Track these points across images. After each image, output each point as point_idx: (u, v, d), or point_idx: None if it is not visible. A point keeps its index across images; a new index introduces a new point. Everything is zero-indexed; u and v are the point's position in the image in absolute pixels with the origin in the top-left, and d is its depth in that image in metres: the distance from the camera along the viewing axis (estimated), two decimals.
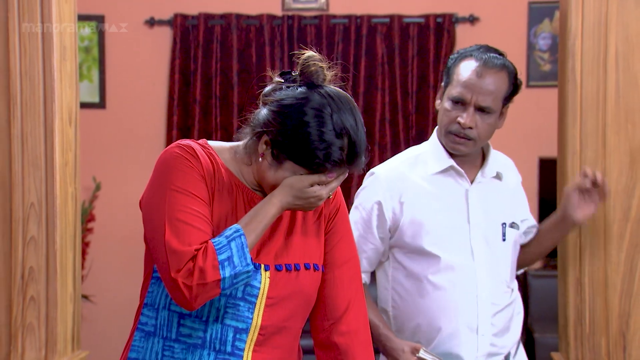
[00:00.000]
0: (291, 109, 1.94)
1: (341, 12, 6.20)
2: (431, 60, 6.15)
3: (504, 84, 2.57)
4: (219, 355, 1.97)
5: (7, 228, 2.91)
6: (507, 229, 2.67)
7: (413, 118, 6.21)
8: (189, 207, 1.92)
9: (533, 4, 6.03)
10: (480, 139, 2.59)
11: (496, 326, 2.61)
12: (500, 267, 2.65)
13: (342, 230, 2.15)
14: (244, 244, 1.89)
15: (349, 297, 2.12)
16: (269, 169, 1.98)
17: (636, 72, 2.85)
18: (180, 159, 1.97)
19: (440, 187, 2.65)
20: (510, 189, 2.75)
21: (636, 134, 2.86)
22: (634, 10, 2.84)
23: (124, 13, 6.16)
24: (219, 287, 1.88)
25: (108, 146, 6.18)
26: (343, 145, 1.93)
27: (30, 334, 2.91)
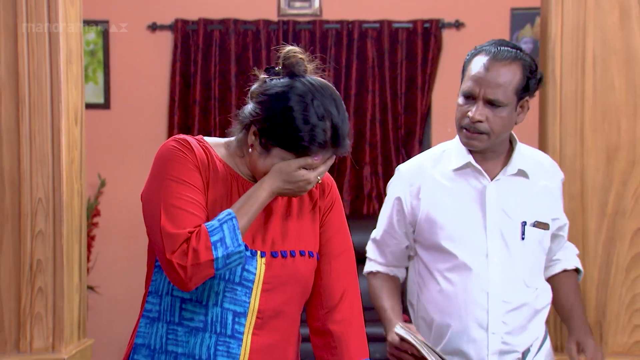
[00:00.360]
0: (275, 97, 1.96)
1: (334, 17, 6.20)
2: (419, 63, 6.15)
3: (515, 77, 2.39)
4: (220, 337, 1.98)
5: (16, 222, 2.91)
6: (528, 227, 2.49)
7: (402, 118, 6.22)
8: (183, 194, 1.93)
9: (515, 10, 6.03)
10: (494, 133, 2.42)
11: (509, 325, 2.46)
12: (517, 265, 2.48)
13: (337, 223, 2.15)
14: (236, 226, 1.90)
15: (344, 287, 2.12)
16: (258, 158, 1.99)
17: (612, 74, 2.86)
18: (176, 150, 1.99)
19: (459, 183, 2.51)
20: (539, 187, 2.53)
21: (612, 133, 2.87)
22: (609, 16, 2.85)
23: (128, 18, 6.15)
24: (213, 268, 1.88)
25: (112, 145, 6.18)
26: (326, 127, 1.94)
27: (38, 323, 2.91)
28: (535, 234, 2.49)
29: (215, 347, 1.98)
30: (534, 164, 2.54)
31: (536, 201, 2.51)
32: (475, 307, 2.45)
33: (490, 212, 2.47)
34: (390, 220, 2.59)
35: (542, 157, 2.62)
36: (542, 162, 2.59)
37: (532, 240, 2.49)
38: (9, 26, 2.90)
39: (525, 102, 2.44)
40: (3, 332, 2.91)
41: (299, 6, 6.25)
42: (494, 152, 2.49)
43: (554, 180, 2.58)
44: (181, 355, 1.98)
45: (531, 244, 2.49)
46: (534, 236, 2.49)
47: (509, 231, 2.47)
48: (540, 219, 2.50)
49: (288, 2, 6.25)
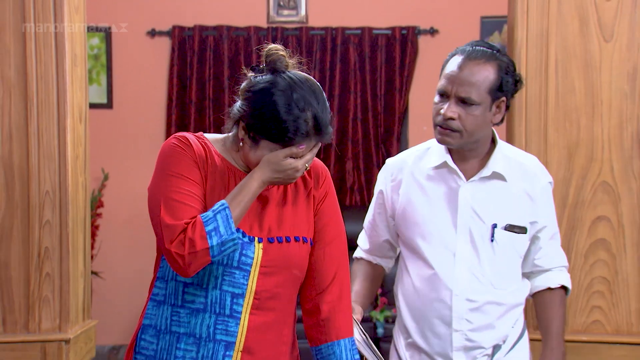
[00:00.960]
0: (259, 93, 1.96)
1: (319, 24, 6.20)
2: (397, 67, 6.16)
3: (489, 76, 2.23)
4: (219, 317, 1.98)
5: (25, 213, 2.90)
6: (499, 230, 2.30)
7: (381, 117, 6.23)
8: (182, 188, 1.94)
9: (485, 18, 6.04)
10: (466, 131, 2.25)
11: (474, 323, 2.30)
12: (486, 267, 2.30)
13: (330, 212, 2.13)
14: (229, 215, 1.90)
15: (335, 271, 2.12)
16: (249, 150, 1.99)
17: (573, 77, 2.87)
18: (176, 147, 1.99)
19: (436, 182, 2.36)
20: (516, 190, 2.33)
21: (573, 131, 2.88)
22: (570, 25, 2.86)
23: (128, 25, 6.13)
24: (209, 255, 1.89)
25: (115, 142, 6.16)
26: (307, 118, 1.94)
27: (46, 306, 2.90)
28: (506, 237, 2.31)
29: (214, 326, 1.97)
30: (515, 167, 2.34)
31: (511, 204, 2.32)
32: (440, 304, 2.31)
33: (462, 212, 2.32)
34: (373, 212, 2.53)
35: (527, 160, 2.39)
36: (526, 165, 2.37)
37: (503, 243, 2.31)
38: (18, 31, 2.89)
39: (501, 103, 2.28)
40: (13, 313, 2.90)
41: (287, 14, 6.25)
42: (472, 152, 2.34)
43: (536, 183, 2.35)
44: (183, 334, 1.98)
45: (502, 246, 2.31)
46: (505, 239, 2.31)
47: (479, 233, 2.31)
48: (513, 222, 2.31)
49: (277, 10, 6.24)
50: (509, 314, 2.35)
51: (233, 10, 6.19)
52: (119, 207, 5.99)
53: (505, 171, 2.32)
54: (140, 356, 2.03)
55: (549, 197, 2.38)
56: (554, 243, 2.41)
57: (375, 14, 6.22)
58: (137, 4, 6.19)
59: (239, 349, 1.98)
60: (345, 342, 2.11)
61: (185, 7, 6.21)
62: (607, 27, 2.85)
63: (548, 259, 2.40)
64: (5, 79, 2.89)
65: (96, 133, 5.18)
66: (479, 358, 2.32)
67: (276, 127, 1.93)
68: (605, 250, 2.86)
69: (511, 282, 2.35)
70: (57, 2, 2.89)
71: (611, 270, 2.85)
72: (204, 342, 1.98)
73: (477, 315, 2.30)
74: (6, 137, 2.89)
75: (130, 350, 2.06)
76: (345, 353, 2.10)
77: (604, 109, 2.86)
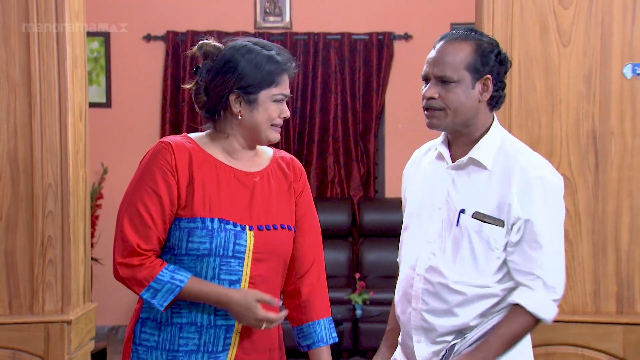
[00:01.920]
0: (231, 59, 1.99)
1: (302, 30, 6.20)
2: (374, 69, 6.17)
3: (464, 53, 2.03)
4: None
5: (30, 204, 2.88)
6: (466, 217, 2.04)
7: (360, 116, 6.24)
8: (149, 206, 1.95)
9: (454, 24, 6.05)
10: (450, 109, 2.04)
11: (429, 304, 2.06)
12: (448, 252, 2.06)
13: (308, 204, 2.14)
14: (175, 292, 1.91)
15: (313, 256, 2.12)
16: (251, 115, 2.00)
17: (534, 79, 2.88)
18: (156, 157, 1.98)
19: (432, 166, 2.16)
20: (499, 180, 2.03)
21: (534, 129, 2.89)
22: (531, 31, 2.87)
23: (125, 31, 6.09)
24: (136, 293, 1.95)
25: (113, 138, 6.13)
26: (277, 52, 2.01)
27: (49, 290, 2.89)
28: (473, 225, 2.03)
29: (214, 313, 1.96)
30: (507, 159, 2.04)
31: (487, 194, 2.03)
32: (406, 281, 2.13)
33: (439, 195, 2.10)
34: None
35: (524, 156, 2.06)
36: (519, 159, 2.04)
37: (469, 230, 2.03)
38: (22, 34, 2.87)
39: (486, 80, 2.05)
40: (19, 297, 2.88)
41: (273, 20, 6.24)
42: (464, 137, 2.09)
43: (522, 177, 2.01)
44: (185, 324, 1.97)
45: (466, 234, 2.04)
46: (472, 226, 2.03)
47: (448, 217, 2.07)
48: (486, 212, 2.02)
49: (263, 17, 6.24)
50: (474, 305, 2.04)
51: (223, 17, 6.18)
52: (118, 199, 5.92)
53: (488, 160, 2.05)
54: (141, 347, 2.00)
55: (536, 195, 2.00)
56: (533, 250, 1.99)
57: (354, 20, 6.22)
58: (134, 11, 6.16)
59: (238, 331, 1.98)
60: (324, 322, 2.12)
61: (179, 13, 6.19)
62: (565, 33, 2.86)
63: (518, 266, 2.01)
64: (10, 79, 2.87)
65: (96, 130, 5.16)
66: (439, 343, 2.08)
67: (265, 71, 1.97)
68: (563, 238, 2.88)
69: (476, 274, 2.04)
70: (59, 8, 2.87)
71: (568, 255, 2.86)
72: (205, 330, 1.96)
73: (432, 298, 2.07)
74: (11, 134, 2.88)
75: (129, 343, 2.03)
76: (324, 331, 2.11)
77: (562, 108, 2.88)
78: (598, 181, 2.86)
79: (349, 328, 5.50)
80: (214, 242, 1.94)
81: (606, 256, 2.85)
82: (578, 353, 2.83)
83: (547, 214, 2.00)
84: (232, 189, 1.99)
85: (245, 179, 2.02)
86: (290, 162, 2.13)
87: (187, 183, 1.96)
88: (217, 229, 1.94)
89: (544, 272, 1.99)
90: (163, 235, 1.96)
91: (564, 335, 2.83)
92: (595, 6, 2.84)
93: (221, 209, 1.96)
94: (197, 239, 1.94)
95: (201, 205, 1.95)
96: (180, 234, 1.95)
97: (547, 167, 2.07)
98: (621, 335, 2.80)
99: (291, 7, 6.22)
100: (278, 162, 2.10)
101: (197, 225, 1.94)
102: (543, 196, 2.00)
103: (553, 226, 2.02)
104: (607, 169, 2.85)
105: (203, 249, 1.94)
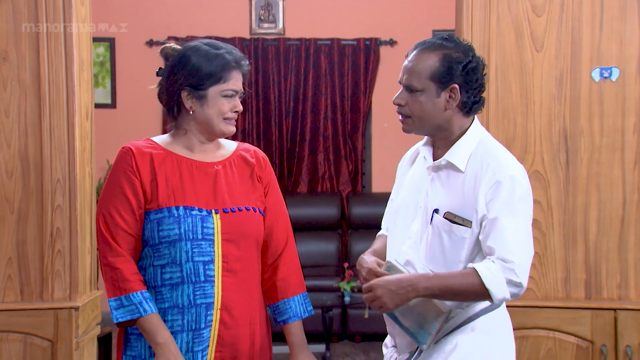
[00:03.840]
0: (183, 56, 2.01)
1: (294, 36, 6.19)
2: (361, 72, 6.18)
3: (430, 63, 1.96)
4: (196, 285, 1.97)
5: (39, 198, 2.87)
6: (438, 217, 1.99)
7: (349, 116, 6.24)
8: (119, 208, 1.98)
9: (436, 31, 6.06)
10: (415, 117, 1.99)
11: None
12: (422, 247, 2.02)
13: (275, 193, 2.15)
14: (133, 316, 1.94)
15: (285, 238, 2.13)
16: (202, 110, 2.01)
17: (510, 82, 2.89)
18: (119, 162, 2.02)
19: (420, 167, 2.11)
20: (471, 182, 1.97)
21: (510, 128, 2.90)
22: (507, 37, 2.88)
23: (129, 36, 6.08)
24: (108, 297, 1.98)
25: (118, 137, 6.09)
26: (226, 53, 2.01)
27: (57, 278, 2.88)
28: (444, 225, 1.98)
29: (193, 293, 1.97)
30: (480, 161, 1.98)
31: (460, 195, 1.98)
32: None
33: (422, 194, 2.05)
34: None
35: (494, 158, 1.98)
36: (490, 161, 1.98)
37: (440, 229, 1.98)
38: (32, 39, 2.86)
39: (454, 89, 1.97)
40: (30, 285, 2.88)
41: (267, 27, 6.23)
42: (440, 140, 2.05)
43: (491, 178, 1.95)
44: (168, 308, 1.98)
45: (438, 232, 1.98)
46: (442, 226, 1.98)
47: (425, 215, 2.02)
48: (456, 212, 1.97)
49: (258, 24, 6.23)
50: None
51: (220, 24, 6.17)
52: None
53: (462, 162, 1.99)
54: (132, 336, 2.03)
55: (503, 193, 1.93)
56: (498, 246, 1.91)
57: (343, 27, 6.22)
58: (137, 18, 6.14)
59: (218, 307, 1.98)
60: (299, 298, 2.12)
61: (179, 20, 6.17)
62: (538, 39, 2.87)
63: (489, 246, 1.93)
64: (21, 82, 2.86)
65: (102, 129, 5.14)
66: None
67: (212, 68, 1.97)
68: (536, 229, 2.89)
69: (445, 269, 1.97)
70: (67, 15, 2.86)
71: (541, 245, 2.88)
72: (187, 309, 1.97)
73: None
74: (22, 133, 2.86)
75: (121, 334, 2.06)
76: (299, 307, 2.11)
77: (536, 108, 2.88)
78: (569, 177, 2.87)
79: (338, 314, 5.51)
80: (182, 228, 1.95)
81: (576, 246, 2.86)
82: (550, 336, 2.84)
83: (514, 211, 1.92)
84: (195, 178, 2.01)
85: (206, 168, 2.03)
86: (254, 153, 2.14)
87: (150, 180, 1.98)
88: (182, 215, 1.96)
89: (513, 263, 1.88)
90: (137, 231, 1.98)
91: (537, 320, 2.84)
92: (566, 14, 2.85)
93: (185, 197, 1.98)
94: (166, 227, 1.96)
95: (165, 196, 1.97)
96: (151, 226, 1.97)
97: (518, 169, 1.99)
98: (589, 319, 2.82)
99: (284, 15, 6.22)
100: (240, 153, 2.12)
101: (164, 214, 1.96)
102: (510, 194, 1.92)
103: (519, 225, 1.92)
104: (577, 165, 2.86)
105: (173, 235, 1.95)
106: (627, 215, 2.84)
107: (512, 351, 2.04)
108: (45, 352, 2.83)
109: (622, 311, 2.80)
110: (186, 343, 1.97)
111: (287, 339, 2.12)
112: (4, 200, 2.85)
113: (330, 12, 6.24)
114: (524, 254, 1.92)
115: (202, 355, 1.98)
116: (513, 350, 2.05)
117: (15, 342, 2.83)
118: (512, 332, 2.07)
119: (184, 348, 1.98)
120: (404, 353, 2.06)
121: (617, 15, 2.84)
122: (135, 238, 1.98)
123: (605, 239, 2.85)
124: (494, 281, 1.87)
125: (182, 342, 1.97)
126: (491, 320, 1.99)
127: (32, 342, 2.83)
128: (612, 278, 2.85)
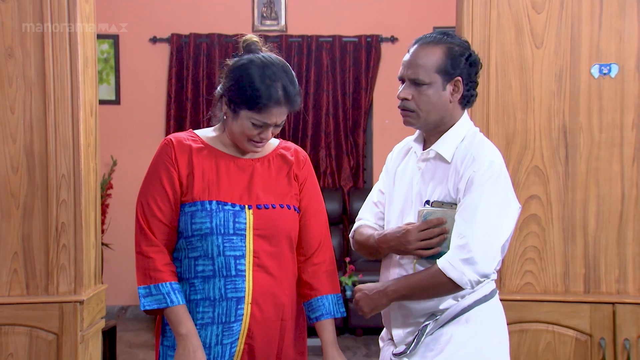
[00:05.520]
0: (238, 68, 1.98)
1: (296, 33, 6.18)
2: (363, 69, 6.16)
3: (435, 57, 1.99)
4: (227, 279, 1.98)
5: (45, 193, 2.87)
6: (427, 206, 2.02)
7: (350, 112, 6.23)
8: (157, 199, 1.99)
9: (436, 27, 6.05)
10: (422, 111, 2.01)
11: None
12: None
13: (312, 191, 2.14)
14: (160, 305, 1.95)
15: (320, 237, 2.12)
16: (232, 122, 2.00)
17: (510, 78, 2.89)
18: (161, 154, 2.03)
19: (412, 162, 2.12)
20: (455, 172, 2.00)
21: (510, 124, 2.90)
22: (507, 34, 2.87)
23: (133, 33, 6.07)
24: (137, 284, 2.00)
25: (122, 132, 6.11)
26: (278, 87, 1.95)
27: (63, 272, 2.88)
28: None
29: (225, 287, 1.97)
30: (464, 153, 2.00)
31: (446, 185, 2.00)
32: (387, 260, 2.11)
33: (413, 186, 2.08)
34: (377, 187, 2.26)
35: (476, 149, 2.00)
36: (472, 152, 2.00)
37: None
38: (37, 37, 2.86)
39: (457, 82, 2.01)
40: (35, 279, 2.88)
41: (269, 24, 6.22)
42: (438, 134, 2.06)
43: (469, 168, 1.97)
44: (200, 300, 1.99)
45: None
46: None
47: (418, 204, 2.04)
48: (441, 201, 2.00)
49: (260, 21, 6.22)
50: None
51: (223, 21, 6.16)
52: (126, 189, 5.94)
53: (448, 153, 2.02)
54: (168, 326, 2.04)
55: (476, 177, 1.94)
56: (464, 221, 1.92)
57: (344, 24, 6.21)
58: (141, 15, 6.13)
59: (249, 302, 1.98)
60: (332, 297, 2.10)
61: (182, 17, 6.16)
62: (538, 36, 2.86)
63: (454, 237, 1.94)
64: (26, 79, 2.86)
65: (106, 125, 5.15)
66: (413, 324, 2.05)
67: (252, 95, 1.94)
68: (536, 224, 2.89)
69: None
70: (71, 13, 2.86)
71: (541, 240, 2.88)
72: (218, 302, 1.98)
73: None
74: (27, 128, 2.87)
75: (159, 324, 2.07)
76: (332, 305, 2.09)
77: (536, 104, 2.88)
78: (568, 172, 2.87)
79: None
80: (214, 222, 1.96)
81: (575, 241, 2.86)
82: (549, 329, 2.84)
83: (481, 193, 1.91)
84: (231, 174, 2.02)
85: (243, 164, 2.04)
86: (294, 151, 2.14)
87: (187, 173, 2.00)
88: (215, 210, 1.97)
89: (465, 238, 1.89)
90: (173, 222, 2.00)
91: (536, 313, 2.84)
92: (565, 11, 2.85)
93: (219, 192, 1.99)
94: (198, 220, 1.97)
95: (200, 190, 1.98)
96: (185, 218, 1.99)
97: (498, 157, 2.00)
98: (588, 313, 2.82)
99: (286, 12, 6.20)
100: (280, 151, 2.12)
101: (197, 208, 1.97)
102: (481, 176, 1.93)
103: (484, 204, 1.91)
104: (576, 161, 2.86)
105: (205, 229, 1.96)
106: (626, 210, 2.84)
107: (505, 341, 2.06)
108: (51, 345, 2.84)
109: (620, 305, 2.80)
110: (216, 336, 1.98)
111: (319, 336, 2.11)
112: (10, 195, 2.86)
113: (331, 9, 6.23)
114: (481, 232, 1.89)
115: (231, 348, 1.99)
116: (507, 341, 2.07)
117: (21, 335, 2.83)
118: (505, 323, 2.09)
119: (214, 341, 1.98)
120: (400, 345, 2.07)
121: (616, 12, 2.83)
122: (170, 228, 2.00)
123: (604, 233, 2.85)
124: (449, 267, 1.90)
125: (212, 334, 1.98)
126: (485, 312, 2.02)
127: (38, 335, 2.84)
128: (610, 272, 2.85)
